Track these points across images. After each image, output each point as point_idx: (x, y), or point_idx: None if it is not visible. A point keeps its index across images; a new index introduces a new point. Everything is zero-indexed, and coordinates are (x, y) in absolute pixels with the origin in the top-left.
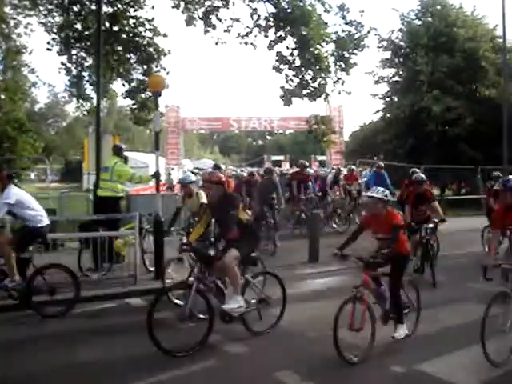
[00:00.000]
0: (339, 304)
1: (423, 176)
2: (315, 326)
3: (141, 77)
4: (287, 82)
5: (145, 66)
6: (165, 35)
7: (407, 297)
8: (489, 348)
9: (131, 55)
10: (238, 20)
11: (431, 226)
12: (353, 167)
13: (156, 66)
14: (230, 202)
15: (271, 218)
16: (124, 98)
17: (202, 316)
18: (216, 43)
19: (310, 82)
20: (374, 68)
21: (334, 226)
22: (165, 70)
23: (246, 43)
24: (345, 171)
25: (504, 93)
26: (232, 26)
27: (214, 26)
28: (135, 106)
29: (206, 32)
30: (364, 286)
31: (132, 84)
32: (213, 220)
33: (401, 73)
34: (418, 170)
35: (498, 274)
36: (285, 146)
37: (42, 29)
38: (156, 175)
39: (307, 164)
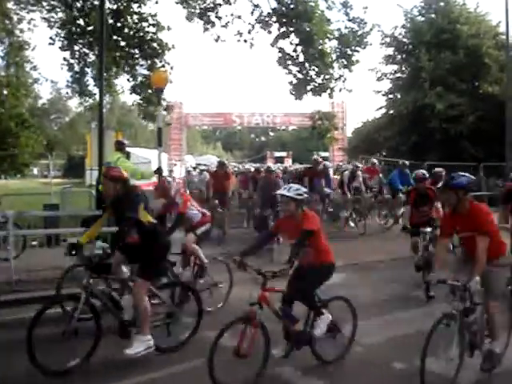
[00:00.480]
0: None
1: (424, 172)
2: None
3: (145, 72)
4: (295, 76)
5: (149, 61)
6: (169, 28)
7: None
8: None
9: (135, 50)
10: (239, 17)
11: (429, 229)
12: (374, 160)
13: (160, 61)
14: (128, 203)
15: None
16: (130, 93)
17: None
18: (216, 40)
19: (314, 77)
20: (376, 64)
21: (352, 224)
22: (169, 64)
23: (245, 41)
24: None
25: (507, 90)
26: (231, 23)
27: (212, 24)
28: (141, 102)
29: (205, 30)
30: (261, 305)
31: (137, 79)
32: None
33: (403, 69)
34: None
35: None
36: (287, 142)
37: (44, 24)
38: (158, 171)
39: (320, 159)
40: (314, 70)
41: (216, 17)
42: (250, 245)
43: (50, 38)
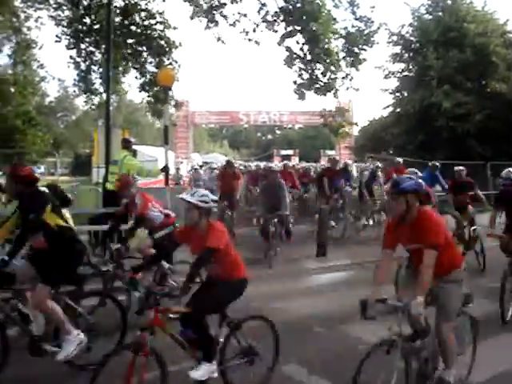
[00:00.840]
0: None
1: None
2: (322, 320)
3: (154, 69)
4: (299, 76)
5: (157, 59)
6: (175, 28)
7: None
8: None
9: (143, 48)
10: (245, 15)
11: None
12: (399, 159)
13: (168, 59)
14: (32, 203)
15: (281, 228)
16: (139, 91)
17: None
18: (217, 40)
19: (319, 76)
20: (383, 63)
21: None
22: (176, 62)
23: (249, 40)
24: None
25: None
26: (239, 21)
27: (216, 23)
28: (150, 99)
29: (206, 28)
30: (153, 330)
31: (145, 77)
32: None
33: (411, 68)
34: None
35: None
36: (294, 140)
37: (51, 23)
38: (165, 169)
39: (338, 158)
40: (319, 69)
41: (221, 15)
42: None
43: (57, 36)
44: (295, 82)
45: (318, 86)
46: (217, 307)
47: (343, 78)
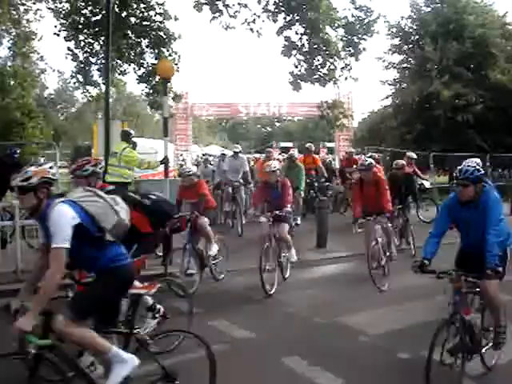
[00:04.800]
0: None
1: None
2: (322, 312)
3: (153, 61)
4: (296, 67)
5: (156, 51)
6: (176, 18)
7: None
8: None
9: (142, 40)
10: (245, 6)
11: None
12: (413, 155)
13: (167, 51)
14: None
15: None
16: (138, 83)
17: None
18: (226, 28)
19: (319, 67)
20: (383, 54)
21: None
22: (176, 54)
23: (251, 30)
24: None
25: None
26: (239, 12)
27: (220, 12)
28: (150, 91)
29: (213, 19)
30: None
31: (144, 68)
32: None
33: (410, 59)
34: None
35: None
36: (293, 132)
37: (50, 15)
38: (165, 161)
39: (353, 150)
40: (318, 60)
41: (224, 5)
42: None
43: (55, 26)
44: (292, 73)
45: (316, 76)
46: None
47: (342, 68)
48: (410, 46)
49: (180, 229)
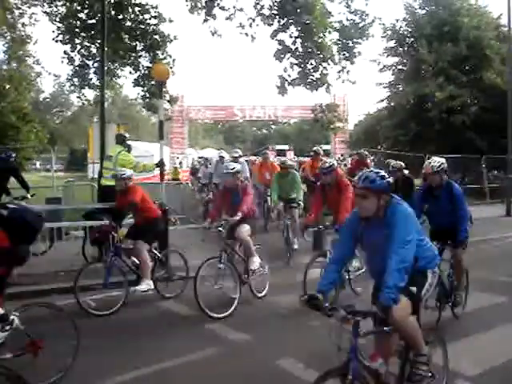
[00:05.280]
0: None
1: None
2: (318, 314)
3: (148, 64)
4: (285, 71)
5: (151, 54)
6: (170, 21)
7: None
8: None
9: (137, 43)
10: (241, 9)
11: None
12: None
13: (162, 54)
14: None
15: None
16: (133, 86)
17: None
18: (213, 34)
19: (311, 71)
20: (378, 56)
21: None
22: (171, 57)
23: (246, 34)
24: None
25: (509, 81)
26: (234, 16)
27: (214, 16)
28: (145, 94)
29: (204, 21)
30: None
31: (139, 71)
32: None
33: (405, 61)
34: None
35: None
36: (289, 135)
37: (46, 18)
38: (160, 164)
39: (366, 153)
40: (311, 64)
41: (219, 8)
42: None
43: (53, 31)
44: (281, 77)
45: (309, 80)
46: None
47: (339, 71)
48: (405, 48)
49: (100, 240)
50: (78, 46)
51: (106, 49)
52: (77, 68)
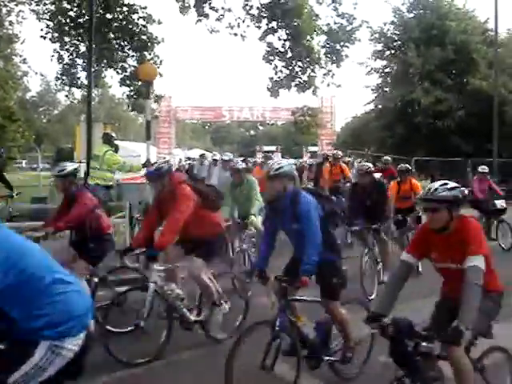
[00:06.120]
0: None
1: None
2: (308, 315)
3: (135, 64)
4: (276, 73)
5: (138, 54)
6: (159, 22)
7: None
8: None
9: (125, 43)
10: (229, 10)
11: None
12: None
13: (150, 54)
14: None
15: None
16: (120, 85)
17: None
18: (211, 32)
19: (299, 73)
20: (365, 59)
21: None
22: (158, 58)
23: (235, 34)
24: None
25: (495, 86)
26: (223, 16)
27: (206, 15)
28: (131, 94)
29: (197, 21)
30: None
31: (126, 71)
32: None
33: (392, 65)
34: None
35: None
36: (277, 136)
37: (33, 17)
38: (147, 164)
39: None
40: (299, 66)
41: (210, 8)
42: None
43: (41, 29)
44: (271, 79)
45: (297, 82)
46: None
47: (325, 74)
48: (393, 51)
49: None
50: (68, 45)
51: (93, 46)
52: (65, 66)
